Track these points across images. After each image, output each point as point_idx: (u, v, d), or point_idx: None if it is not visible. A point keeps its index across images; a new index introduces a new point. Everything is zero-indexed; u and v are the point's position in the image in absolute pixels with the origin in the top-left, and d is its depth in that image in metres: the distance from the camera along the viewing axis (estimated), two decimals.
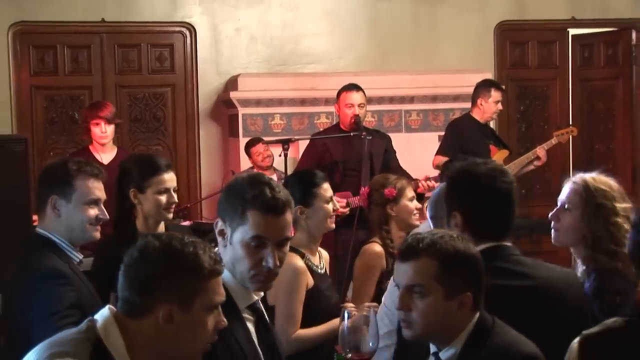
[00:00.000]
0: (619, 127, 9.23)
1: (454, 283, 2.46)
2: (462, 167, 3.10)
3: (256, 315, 2.60)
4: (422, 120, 8.17)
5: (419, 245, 2.47)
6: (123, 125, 7.84)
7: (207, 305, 2.14)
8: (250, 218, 2.50)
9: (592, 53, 9.42)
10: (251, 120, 7.76)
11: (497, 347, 2.46)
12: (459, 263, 2.47)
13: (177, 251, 2.13)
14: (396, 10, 8.50)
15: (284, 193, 2.56)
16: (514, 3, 8.77)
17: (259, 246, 2.51)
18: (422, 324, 2.46)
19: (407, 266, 2.48)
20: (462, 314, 2.48)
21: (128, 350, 2.10)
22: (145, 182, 4.01)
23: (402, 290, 2.48)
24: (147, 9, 8.07)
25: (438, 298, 2.45)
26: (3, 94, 7.47)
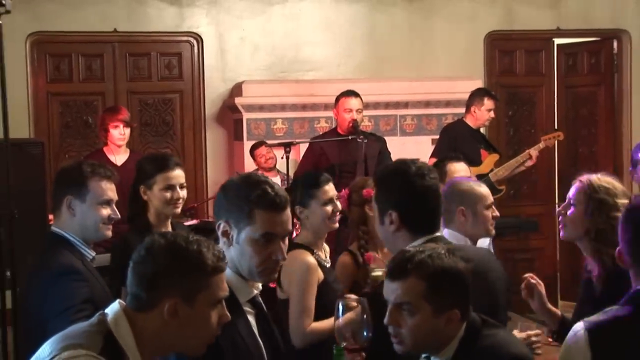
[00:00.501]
0: (602, 131, 9.25)
1: (442, 301, 2.44)
2: (393, 168, 3.19)
3: (256, 309, 2.60)
4: (416, 124, 8.16)
5: (408, 265, 2.45)
6: (134, 129, 7.87)
7: (211, 300, 2.15)
8: (257, 217, 2.51)
9: (576, 61, 9.43)
10: (255, 124, 7.77)
11: (487, 349, 2.46)
12: (446, 282, 2.46)
13: (181, 249, 2.14)
14: (392, 21, 8.50)
15: (281, 190, 2.60)
16: (502, 14, 8.77)
17: (268, 242, 2.53)
18: (412, 339, 2.45)
19: (395, 285, 2.46)
20: (451, 327, 2.47)
21: (137, 342, 2.10)
22: (152, 178, 4.05)
23: (391, 307, 2.46)
24: (156, 20, 8.08)
25: (426, 315, 2.43)
26: (21, 100, 7.46)
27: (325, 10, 8.40)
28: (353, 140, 6.48)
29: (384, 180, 3.11)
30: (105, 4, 7.89)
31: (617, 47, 9.10)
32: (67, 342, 2.06)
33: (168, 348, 2.18)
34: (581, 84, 9.39)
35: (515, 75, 9.15)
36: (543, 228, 8.52)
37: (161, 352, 2.18)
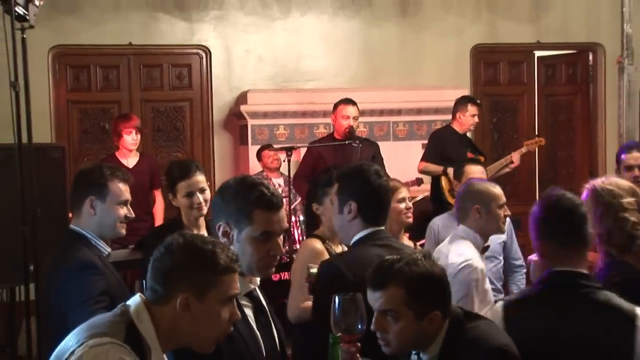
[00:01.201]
0: (579, 136, 9.27)
1: (422, 305, 2.43)
2: (354, 167, 3.42)
3: (254, 302, 2.58)
4: (408, 130, 8.18)
5: (386, 275, 2.45)
6: (147, 134, 7.87)
7: (221, 298, 2.15)
8: (256, 217, 2.50)
9: (555, 72, 9.46)
10: (259, 130, 7.77)
11: (470, 342, 2.45)
12: (424, 287, 2.45)
13: (197, 248, 2.15)
14: (385, 34, 8.51)
15: (276, 190, 2.59)
16: (486, 29, 8.78)
17: (266, 240, 2.51)
18: (398, 342, 2.45)
19: (378, 294, 2.45)
20: (434, 327, 2.46)
21: (156, 333, 2.12)
22: (176, 187, 4.10)
23: (376, 315, 2.46)
24: (168, 34, 8.09)
25: (409, 320, 2.43)
26: (43, 108, 7.46)
27: (324, 25, 8.41)
28: (349, 144, 6.48)
29: (346, 177, 3.27)
30: (121, 20, 7.90)
31: (593, 59, 9.12)
32: (93, 331, 2.07)
33: (180, 341, 2.17)
34: (560, 93, 9.43)
35: (499, 85, 9.17)
36: (524, 226, 8.41)
37: (174, 344, 2.18)
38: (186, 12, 8.09)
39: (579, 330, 2.57)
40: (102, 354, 1.99)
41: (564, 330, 2.52)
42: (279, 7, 8.29)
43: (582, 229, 2.82)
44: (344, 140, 6.53)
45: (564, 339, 2.61)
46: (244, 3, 8.21)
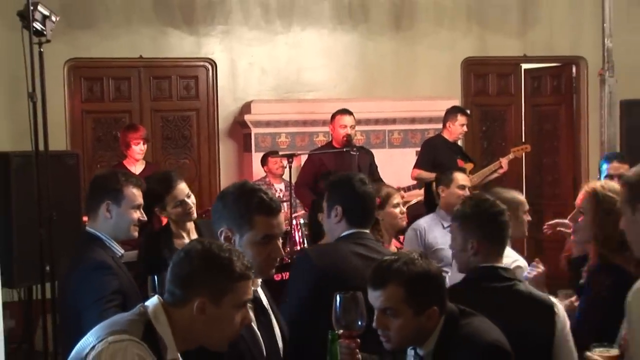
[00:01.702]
0: (563, 144, 9.26)
1: (420, 302, 2.43)
2: (341, 176, 3.55)
3: (255, 303, 2.55)
4: (403, 138, 8.17)
5: (385, 274, 2.44)
6: (157, 142, 7.88)
7: (236, 303, 2.17)
8: (257, 222, 2.51)
9: (540, 84, 9.46)
10: (262, 138, 7.77)
11: (464, 337, 2.44)
12: (422, 285, 2.44)
13: (214, 255, 2.17)
14: (381, 48, 8.51)
15: (274, 196, 2.61)
16: (476, 43, 8.77)
17: (267, 243, 2.52)
18: (398, 338, 2.44)
19: (378, 293, 2.44)
20: (432, 322, 2.46)
21: (172, 333, 2.15)
22: (163, 201, 3.99)
23: (377, 313, 2.45)
24: (176, 47, 8.08)
25: (408, 317, 2.42)
26: (59, 117, 7.45)
27: (324, 39, 8.40)
28: (347, 152, 6.49)
29: (334, 184, 3.41)
30: (132, 34, 7.89)
31: (576, 71, 9.13)
32: (113, 328, 2.09)
33: (195, 341, 2.19)
34: (545, 103, 9.43)
35: (488, 96, 9.16)
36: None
37: (189, 344, 2.19)
38: (193, 27, 8.08)
39: (505, 318, 2.60)
40: (121, 350, 2.02)
41: (491, 318, 2.56)
42: (281, 22, 8.28)
43: (506, 231, 3.03)
44: (342, 148, 6.55)
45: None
46: (248, 18, 8.20)
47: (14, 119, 6.49)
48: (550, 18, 8.84)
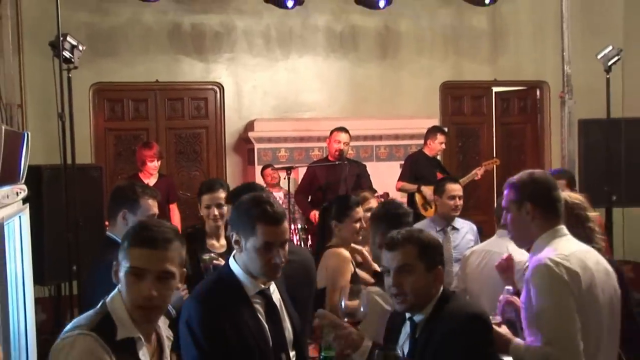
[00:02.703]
0: (529, 158, 9.27)
1: (430, 260, 2.52)
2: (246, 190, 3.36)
3: (265, 300, 2.54)
4: (388, 153, 8.17)
5: (401, 239, 2.54)
6: (170, 156, 7.90)
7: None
8: (259, 230, 2.47)
9: (509, 105, 9.48)
10: (264, 152, 7.77)
11: (453, 309, 2.49)
12: (430, 246, 2.55)
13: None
14: (369, 73, 8.53)
15: (279, 208, 2.55)
16: (453, 69, 8.80)
17: (268, 249, 2.47)
18: (413, 294, 2.49)
19: (396, 253, 2.53)
20: (436, 285, 2.53)
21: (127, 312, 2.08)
22: (200, 199, 4.00)
23: (394, 272, 2.52)
24: (188, 73, 8.10)
25: (421, 272, 2.49)
26: (85, 134, 7.47)
27: (318, 65, 8.43)
28: (339, 164, 6.52)
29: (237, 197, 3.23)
30: (149, 62, 7.92)
31: (540, 94, 9.16)
32: (73, 325, 2.06)
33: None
34: (513, 122, 9.45)
35: (463, 115, 9.18)
36: (485, 232, 8.45)
37: (146, 317, 2.12)
38: (203, 55, 8.11)
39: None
40: (68, 344, 1.97)
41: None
42: (280, 50, 8.32)
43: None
44: (335, 162, 6.58)
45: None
46: (251, 47, 8.23)
47: (45, 136, 6.50)
48: (517, 47, 8.89)
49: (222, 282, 2.54)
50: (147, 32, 7.88)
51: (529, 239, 2.73)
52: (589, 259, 2.67)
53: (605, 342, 2.63)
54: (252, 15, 8.11)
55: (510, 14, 8.77)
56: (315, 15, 8.28)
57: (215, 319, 2.40)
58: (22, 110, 6.83)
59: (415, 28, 8.61)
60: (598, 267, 2.67)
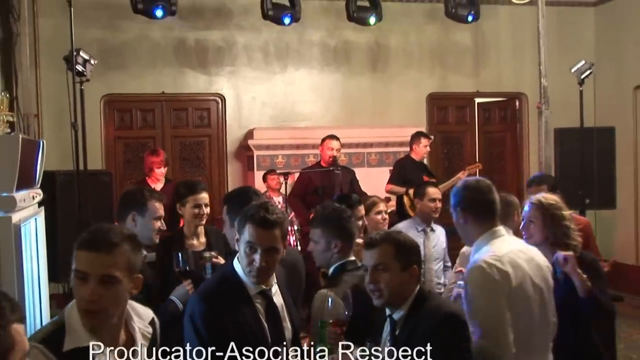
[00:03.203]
0: (509, 164, 9.30)
1: (406, 259, 2.50)
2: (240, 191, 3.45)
3: (266, 300, 2.50)
4: (378, 159, 8.17)
5: (379, 238, 2.54)
6: (175, 163, 7.90)
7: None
8: (247, 230, 2.44)
9: (490, 115, 9.50)
10: (262, 159, 7.76)
11: (431, 308, 2.48)
12: (406, 245, 2.53)
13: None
14: (360, 85, 8.55)
15: (276, 215, 2.46)
16: (439, 81, 8.81)
17: (251, 250, 2.43)
18: (388, 291, 2.48)
19: (373, 252, 2.52)
20: (412, 283, 2.51)
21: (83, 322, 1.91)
22: (185, 199, 3.91)
23: (371, 269, 2.52)
24: (192, 85, 8.11)
25: (396, 271, 2.48)
26: (96, 142, 7.48)
27: (313, 78, 8.44)
28: (332, 171, 6.54)
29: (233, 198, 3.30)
30: (156, 74, 7.93)
31: (519, 105, 9.18)
32: (31, 335, 1.91)
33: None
34: (494, 131, 9.46)
35: (448, 124, 9.19)
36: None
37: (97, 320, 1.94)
38: (206, 68, 8.13)
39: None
40: None
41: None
42: (278, 64, 8.33)
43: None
44: (328, 168, 6.61)
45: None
46: (251, 61, 8.25)
47: (59, 143, 6.52)
48: (498, 62, 8.92)
49: (226, 281, 2.51)
50: (154, 47, 7.90)
51: (471, 240, 2.82)
52: (522, 257, 2.75)
53: (537, 329, 2.74)
54: (252, 31, 8.14)
55: (491, 31, 8.81)
56: (311, 32, 8.31)
57: (218, 315, 2.38)
58: (39, 120, 6.86)
59: (404, 43, 8.63)
60: (531, 264, 2.75)
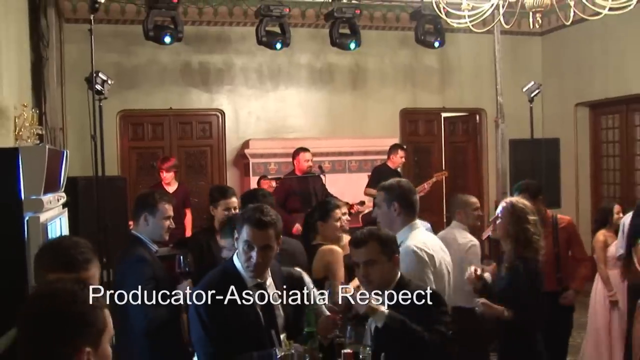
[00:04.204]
0: (471, 171, 9.32)
1: (389, 251, 2.56)
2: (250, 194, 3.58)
3: (262, 291, 2.50)
4: (358, 166, 8.19)
5: (365, 237, 2.58)
6: (181, 170, 7.89)
7: None
8: (244, 230, 2.44)
9: (455, 127, 9.54)
10: (257, 166, 7.77)
11: (414, 286, 2.56)
12: (388, 240, 2.60)
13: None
14: (343, 101, 8.55)
15: (270, 217, 2.45)
16: (410, 98, 8.83)
17: (249, 248, 2.43)
18: (378, 280, 2.55)
19: (362, 250, 2.56)
20: (395, 269, 2.58)
21: None
22: (217, 202, 4.02)
23: (363, 265, 2.55)
24: (196, 101, 8.11)
25: (384, 262, 2.54)
26: (113, 152, 7.47)
27: (301, 95, 8.44)
28: (310, 177, 6.65)
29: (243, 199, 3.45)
30: (164, 92, 7.91)
31: (479, 119, 9.21)
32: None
33: None
34: (458, 141, 9.50)
35: (418, 135, 9.21)
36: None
37: None
38: (208, 87, 8.12)
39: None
40: None
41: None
42: (271, 83, 8.33)
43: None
44: (302, 175, 6.68)
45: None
46: (247, 80, 8.24)
47: (80, 153, 6.53)
48: (461, 82, 8.96)
49: (226, 274, 2.50)
50: (163, 69, 7.90)
51: (394, 229, 2.95)
52: (436, 245, 3.03)
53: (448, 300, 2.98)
54: (248, 55, 8.15)
55: (454, 55, 8.86)
56: (299, 55, 8.33)
57: (218, 304, 2.37)
58: (64, 133, 6.85)
59: (380, 65, 8.66)
60: (442, 251, 3.05)
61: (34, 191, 2.78)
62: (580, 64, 8.37)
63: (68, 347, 1.33)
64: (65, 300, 1.36)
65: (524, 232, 3.20)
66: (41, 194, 2.82)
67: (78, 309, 1.36)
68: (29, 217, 2.71)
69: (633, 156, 7.92)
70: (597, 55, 8.04)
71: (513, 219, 3.24)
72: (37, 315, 1.34)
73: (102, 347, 1.41)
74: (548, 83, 8.51)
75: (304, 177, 6.62)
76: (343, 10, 7.27)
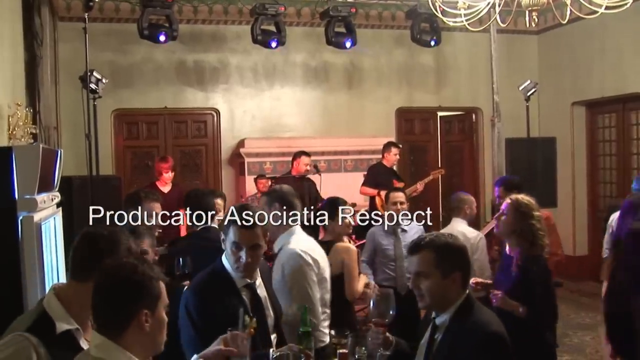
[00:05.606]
0: (466, 169, 9.34)
1: (447, 266, 2.21)
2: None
3: (251, 292, 2.48)
4: (354, 165, 8.19)
5: (421, 243, 2.26)
6: (177, 168, 7.89)
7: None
8: (231, 231, 2.44)
9: (451, 126, 9.54)
10: (252, 165, 7.77)
11: (477, 321, 2.18)
12: (448, 252, 2.24)
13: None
14: (338, 101, 8.56)
15: (256, 217, 2.44)
16: (406, 97, 8.84)
17: (237, 249, 2.42)
18: (429, 296, 2.23)
19: (414, 258, 2.27)
20: (455, 289, 2.22)
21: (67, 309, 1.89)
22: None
23: (413, 275, 2.28)
24: (191, 100, 8.10)
25: (437, 278, 2.21)
26: (107, 151, 7.45)
27: (297, 94, 8.44)
28: (305, 178, 6.69)
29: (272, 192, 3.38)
30: (159, 91, 7.90)
31: (475, 118, 9.22)
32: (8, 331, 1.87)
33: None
34: (454, 140, 9.50)
35: (415, 134, 9.22)
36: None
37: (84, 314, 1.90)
38: (204, 86, 8.11)
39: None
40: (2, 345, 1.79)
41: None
42: (266, 82, 8.33)
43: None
44: (299, 176, 6.70)
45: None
46: (242, 79, 8.24)
47: (75, 152, 6.51)
48: (457, 81, 8.96)
49: (216, 275, 2.48)
50: (157, 67, 7.89)
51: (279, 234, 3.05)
52: (317, 250, 3.10)
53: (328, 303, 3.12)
54: (243, 54, 8.14)
55: (450, 54, 8.87)
56: (294, 54, 8.33)
57: (208, 305, 2.37)
58: (58, 131, 6.84)
59: (376, 64, 8.67)
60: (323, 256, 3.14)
61: (28, 190, 2.76)
62: (576, 62, 8.39)
63: (130, 307, 1.65)
64: (129, 270, 1.68)
65: (529, 228, 3.19)
66: (35, 194, 2.81)
67: (138, 278, 1.67)
68: (23, 217, 2.70)
69: (629, 155, 7.96)
70: (593, 54, 8.07)
71: (518, 215, 3.23)
72: (107, 281, 1.68)
73: (158, 312, 1.70)
74: (544, 82, 8.54)
75: (299, 177, 6.63)
76: (338, 9, 7.28)
